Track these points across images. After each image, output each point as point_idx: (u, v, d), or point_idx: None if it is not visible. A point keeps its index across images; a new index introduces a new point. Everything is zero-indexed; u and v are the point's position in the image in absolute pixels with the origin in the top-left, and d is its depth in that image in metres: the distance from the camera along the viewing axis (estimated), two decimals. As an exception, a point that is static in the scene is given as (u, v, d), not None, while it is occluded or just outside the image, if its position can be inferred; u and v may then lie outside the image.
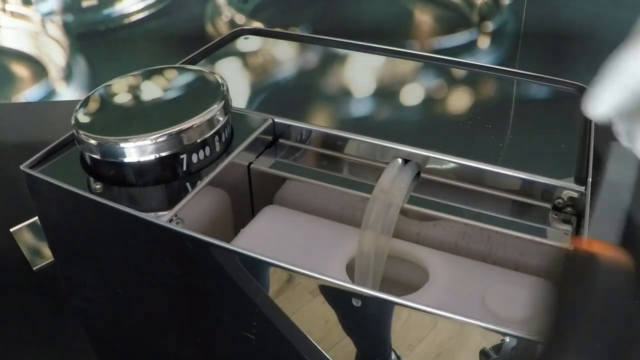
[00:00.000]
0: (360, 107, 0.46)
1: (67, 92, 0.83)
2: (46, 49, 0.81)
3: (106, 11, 0.80)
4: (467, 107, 0.45)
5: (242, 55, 0.54)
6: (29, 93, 0.83)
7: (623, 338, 0.19)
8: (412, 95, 0.47)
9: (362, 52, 0.53)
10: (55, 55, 0.81)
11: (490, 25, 0.81)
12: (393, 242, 0.36)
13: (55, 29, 0.80)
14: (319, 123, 0.42)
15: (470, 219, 0.35)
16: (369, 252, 0.35)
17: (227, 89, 0.40)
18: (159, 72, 0.42)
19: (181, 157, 0.37)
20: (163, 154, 0.36)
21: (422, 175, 0.39)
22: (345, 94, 0.48)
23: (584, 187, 0.35)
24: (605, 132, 0.32)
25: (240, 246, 0.31)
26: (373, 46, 0.53)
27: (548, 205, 0.36)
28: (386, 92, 0.48)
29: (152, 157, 0.36)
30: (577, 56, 0.83)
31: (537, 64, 0.84)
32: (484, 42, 0.82)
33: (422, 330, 0.29)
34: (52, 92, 0.83)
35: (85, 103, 0.39)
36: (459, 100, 0.46)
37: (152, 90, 0.41)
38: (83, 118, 0.38)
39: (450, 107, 0.45)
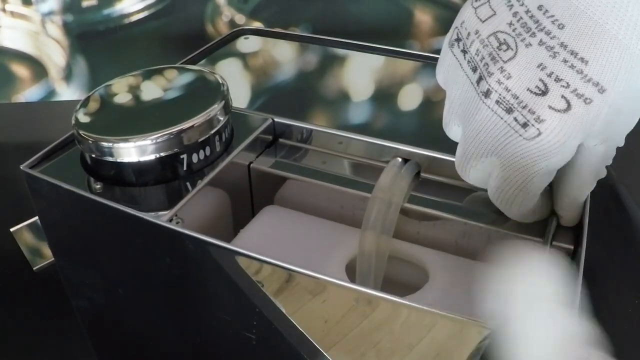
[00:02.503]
0: (360, 106, 0.46)
1: (67, 92, 0.83)
2: (46, 49, 0.81)
3: (106, 11, 0.80)
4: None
5: (243, 55, 0.54)
6: (29, 93, 0.83)
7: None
8: (412, 94, 0.47)
9: (362, 52, 0.53)
10: (55, 55, 0.81)
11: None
12: (393, 242, 0.36)
13: (55, 29, 0.80)
14: (319, 122, 0.42)
15: (470, 218, 0.35)
16: (370, 253, 0.35)
17: (228, 89, 0.40)
18: (159, 72, 0.42)
19: (181, 157, 0.37)
20: (163, 154, 0.36)
21: (422, 174, 0.39)
22: (345, 93, 0.48)
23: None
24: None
25: (240, 246, 0.31)
26: (373, 46, 0.53)
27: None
28: (386, 92, 0.48)
29: (152, 157, 0.36)
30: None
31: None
32: (484, 42, 0.82)
33: (422, 329, 0.29)
34: (52, 92, 0.83)
35: (85, 103, 0.39)
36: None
37: (152, 90, 0.41)
38: (83, 118, 0.38)
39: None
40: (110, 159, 0.36)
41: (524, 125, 0.28)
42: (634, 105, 0.28)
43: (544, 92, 0.27)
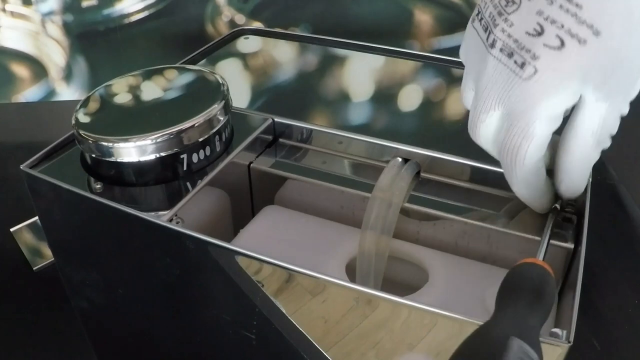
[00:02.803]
0: (360, 106, 0.46)
1: (67, 92, 0.83)
2: (46, 49, 0.81)
3: (106, 11, 0.80)
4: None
5: (242, 55, 0.54)
6: (29, 93, 0.83)
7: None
8: (412, 94, 0.47)
9: (362, 52, 0.53)
10: (55, 55, 0.81)
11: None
12: (393, 242, 0.36)
13: (55, 29, 0.80)
14: (319, 122, 0.42)
15: (470, 218, 0.35)
16: (370, 253, 0.35)
17: (228, 89, 0.40)
18: (159, 72, 0.42)
19: (181, 156, 0.37)
20: (163, 154, 0.36)
21: (422, 174, 0.39)
22: (345, 93, 0.48)
23: (584, 187, 0.35)
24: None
25: (240, 246, 0.31)
26: (373, 46, 0.53)
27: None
28: (386, 92, 0.48)
29: (152, 156, 0.36)
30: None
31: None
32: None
33: (422, 329, 0.29)
34: (52, 92, 0.83)
35: (85, 103, 0.39)
36: (459, 100, 0.46)
37: (152, 90, 0.41)
38: (83, 118, 0.38)
39: (450, 106, 0.45)
40: (110, 159, 0.36)
41: (522, 65, 0.29)
42: (635, 59, 0.29)
43: (539, 33, 0.29)
